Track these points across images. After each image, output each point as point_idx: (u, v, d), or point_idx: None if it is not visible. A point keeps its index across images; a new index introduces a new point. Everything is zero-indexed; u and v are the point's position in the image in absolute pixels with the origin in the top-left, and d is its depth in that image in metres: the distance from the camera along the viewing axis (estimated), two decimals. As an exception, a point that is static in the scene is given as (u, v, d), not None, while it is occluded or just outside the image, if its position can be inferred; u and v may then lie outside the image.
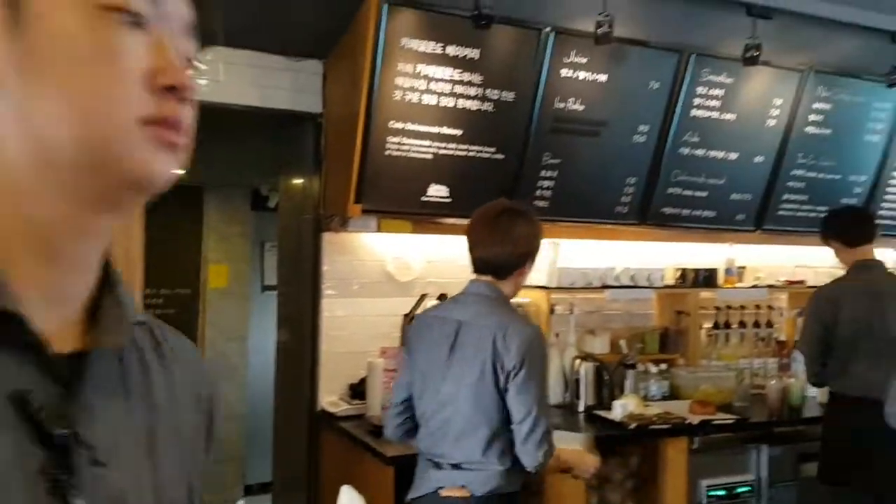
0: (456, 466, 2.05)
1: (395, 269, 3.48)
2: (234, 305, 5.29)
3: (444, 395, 2.07)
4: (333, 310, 3.26)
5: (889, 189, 4.07)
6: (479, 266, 2.13)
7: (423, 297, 3.43)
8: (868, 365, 3.07)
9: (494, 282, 2.11)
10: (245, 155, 4.38)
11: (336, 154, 3.07)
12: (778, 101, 3.61)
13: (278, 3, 2.78)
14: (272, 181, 4.54)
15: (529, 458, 2.00)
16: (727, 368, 3.87)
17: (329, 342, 3.25)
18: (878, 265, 3.24)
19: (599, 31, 2.73)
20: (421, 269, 3.48)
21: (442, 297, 3.40)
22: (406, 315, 3.42)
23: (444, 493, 2.04)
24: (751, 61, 2.99)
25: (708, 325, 4.05)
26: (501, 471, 2.03)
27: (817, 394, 3.79)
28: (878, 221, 3.45)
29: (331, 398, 3.23)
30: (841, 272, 3.97)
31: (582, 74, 3.21)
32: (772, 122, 3.64)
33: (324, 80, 3.12)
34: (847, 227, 3.33)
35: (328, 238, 3.23)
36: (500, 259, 2.08)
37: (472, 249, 2.13)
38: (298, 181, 3.47)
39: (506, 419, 2.02)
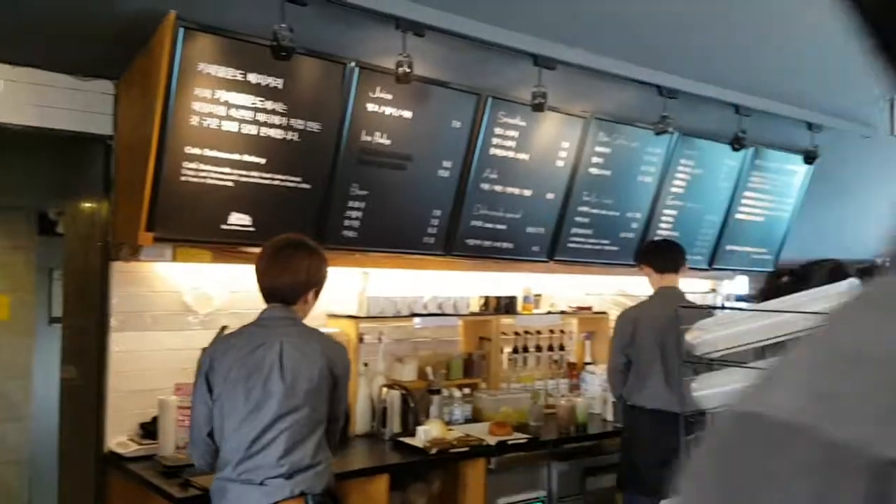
0: (289, 476, 2.19)
1: (194, 300, 3.35)
2: (17, 339, 4.79)
3: (277, 410, 2.20)
4: (123, 344, 3.07)
5: (661, 224, 4.56)
6: (267, 294, 2.36)
7: (223, 329, 3.33)
8: (661, 381, 3.41)
9: (289, 307, 2.34)
10: (28, 177, 4.03)
11: (127, 179, 2.92)
12: (565, 144, 3.94)
13: (67, 21, 2.62)
14: (59, 204, 4.20)
15: (341, 448, 2.43)
16: (524, 390, 4.12)
17: (118, 379, 3.05)
18: (676, 291, 3.61)
19: (400, 70, 2.84)
20: (222, 301, 3.38)
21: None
22: (204, 349, 3.31)
23: None
24: (538, 107, 3.25)
25: (508, 349, 4.30)
26: (327, 468, 2.29)
27: (602, 410, 4.15)
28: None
29: (119, 439, 3.02)
30: (624, 298, 4.39)
31: (388, 110, 3.32)
32: (560, 163, 3.97)
33: (115, 101, 2.97)
34: (655, 255, 3.74)
35: (118, 267, 3.05)
36: (285, 288, 2.32)
37: (260, 279, 2.36)
38: (87, 206, 3.25)
39: (328, 421, 2.31)
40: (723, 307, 4.24)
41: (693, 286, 5.26)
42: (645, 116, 3.92)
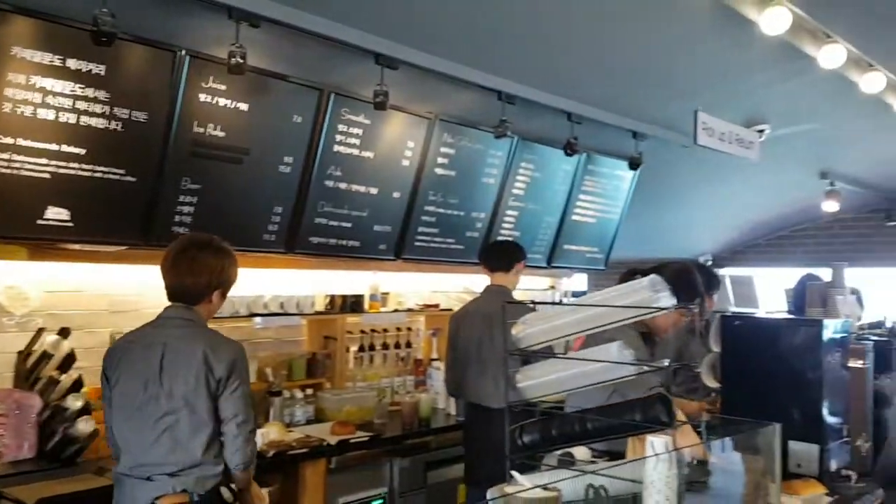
0: (173, 475, 2.23)
1: (8, 299, 3.08)
2: None
3: (157, 411, 2.24)
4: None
5: (504, 224, 4.74)
6: (171, 293, 2.37)
7: (40, 331, 3.09)
8: (478, 375, 3.53)
9: (189, 307, 2.36)
10: None
11: (-76, 168, 2.62)
12: (411, 144, 4.00)
13: None
14: None
15: (238, 454, 2.29)
16: (370, 388, 4.13)
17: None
18: (502, 289, 3.72)
19: (233, 60, 2.76)
20: (40, 301, 3.13)
21: (64, 331, 3.10)
22: (20, 352, 3.05)
23: (161, 502, 2.21)
24: (380, 106, 3.26)
25: (355, 348, 4.29)
26: (218, 471, 2.28)
27: (446, 405, 4.24)
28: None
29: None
30: (468, 296, 4.50)
31: (222, 101, 3.20)
32: (406, 162, 4.02)
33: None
34: (488, 255, 3.90)
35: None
36: (187, 288, 2.34)
37: (164, 278, 2.37)
38: None
39: (219, 424, 2.29)
40: (553, 303, 4.45)
41: (533, 283, 5.52)
42: (487, 120, 4.05)
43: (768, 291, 6.76)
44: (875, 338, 3.15)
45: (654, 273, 2.13)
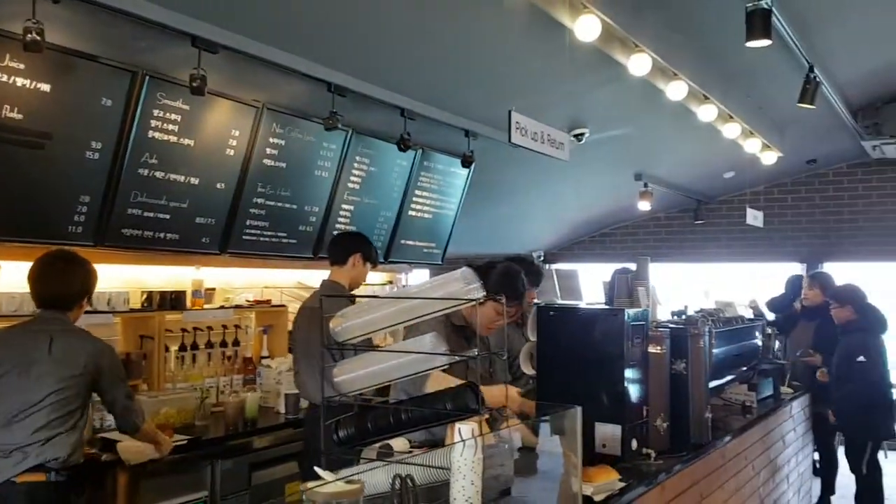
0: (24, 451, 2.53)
1: None
2: None
3: (27, 396, 2.55)
4: None
5: (339, 219, 4.69)
6: (41, 302, 2.73)
7: None
8: (304, 372, 3.47)
9: (60, 311, 2.73)
10: None
11: None
12: (236, 133, 3.84)
13: None
14: None
15: (128, 425, 2.84)
16: (192, 389, 3.93)
17: None
18: (334, 284, 3.64)
19: (28, 37, 2.50)
20: None
21: None
22: None
23: (20, 479, 2.51)
24: (197, 91, 3.11)
25: (175, 347, 4.06)
26: (76, 441, 2.64)
27: (275, 404, 4.13)
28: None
29: None
30: (303, 291, 4.40)
31: (20, 81, 2.91)
32: (231, 152, 3.86)
33: None
34: (328, 250, 3.73)
35: None
36: (60, 297, 2.72)
37: (33, 288, 2.73)
38: None
39: (85, 405, 2.71)
40: (369, 296, 4.43)
41: (371, 278, 5.51)
42: (318, 111, 3.98)
43: (591, 284, 7.22)
44: (672, 325, 3.44)
45: (487, 270, 2.19)
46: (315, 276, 4.57)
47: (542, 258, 9.38)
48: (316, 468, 1.62)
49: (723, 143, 5.27)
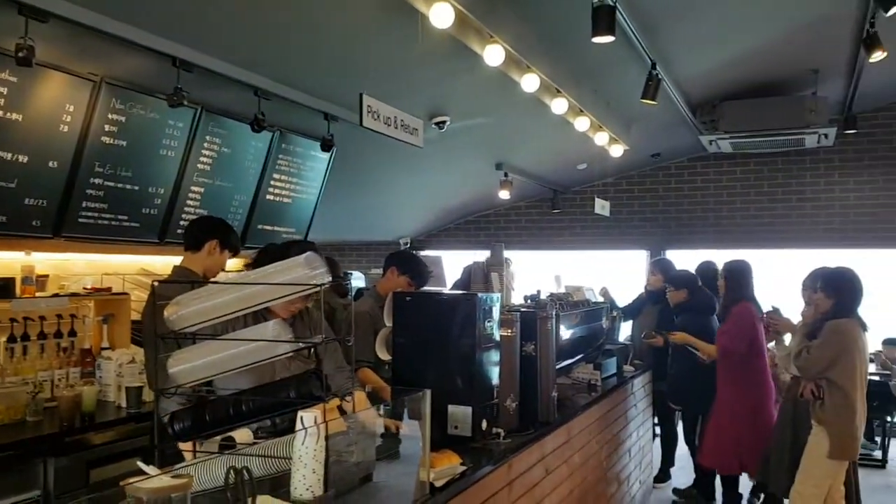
0: None
1: None
2: None
3: None
4: None
5: (188, 202, 4.46)
6: None
7: None
8: (149, 362, 3.28)
9: None
10: None
11: None
12: (70, 108, 3.56)
13: None
14: None
15: None
16: (24, 382, 3.62)
17: None
18: (183, 270, 3.43)
19: None
20: None
21: None
22: None
23: None
24: (24, 62, 2.84)
25: (4, 338, 3.72)
26: None
27: (116, 398, 3.89)
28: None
29: None
30: (145, 278, 4.15)
31: None
32: (65, 128, 3.57)
33: None
34: (184, 234, 3.47)
35: None
36: None
37: None
38: None
39: None
40: (208, 281, 4.29)
41: (229, 265, 5.30)
42: (162, 87, 3.76)
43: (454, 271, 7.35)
44: (523, 309, 3.57)
45: (283, 249, 2.13)
46: (162, 263, 4.33)
47: (408, 245, 9.44)
48: (139, 463, 1.53)
49: (575, 136, 5.50)
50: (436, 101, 4.87)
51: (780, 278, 6.37)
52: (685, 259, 6.83)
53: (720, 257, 5.47)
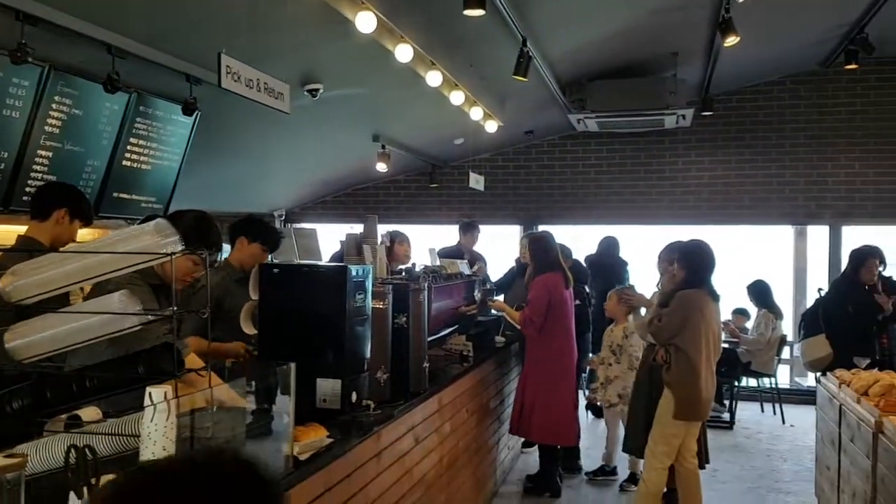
0: None
1: None
2: None
3: None
4: None
5: (35, 167, 4.11)
6: None
7: None
8: None
9: None
10: None
11: None
12: None
13: None
14: None
15: None
16: None
17: None
18: (29, 240, 3.14)
19: None
20: None
21: None
22: None
23: None
24: None
25: None
26: None
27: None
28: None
29: None
30: None
31: None
32: None
33: None
34: (30, 202, 3.17)
35: None
36: None
37: None
38: None
39: None
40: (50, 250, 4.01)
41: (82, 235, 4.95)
42: (4, 42, 3.42)
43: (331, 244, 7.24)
44: (396, 281, 3.57)
45: (172, 220, 2.03)
46: (6, 232, 3.97)
47: (282, 217, 9.20)
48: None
49: (451, 110, 5.53)
50: (308, 67, 4.74)
51: (645, 252, 6.74)
52: (560, 233, 7.08)
53: (590, 233, 5.70)
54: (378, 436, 2.88)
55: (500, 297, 6.25)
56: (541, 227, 8.20)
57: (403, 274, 4.10)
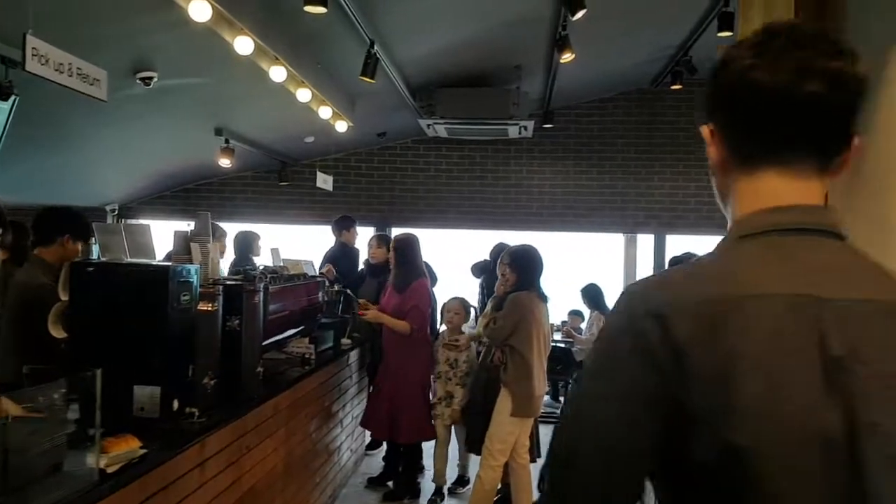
0: None
1: None
2: None
3: None
4: None
5: None
6: None
7: None
8: None
9: None
10: None
11: None
12: None
13: None
14: None
15: None
16: None
17: None
18: None
19: None
20: None
21: None
22: None
23: None
24: None
25: None
26: None
27: None
28: None
29: None
30: None
31: None
32: None
33: None
34: None
35: None
36: None
37: None
38: None
39: None
40: None
41: None
42: None
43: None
44: (229, 282, 3.43)
45: None
46: None
47: (115, 213, 8.60)
48: None
49: (299, 107, 5.41)
50: (140, 54, 4.45)
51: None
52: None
53: (441, 237, 5.77)
54: (202, 445, 2.74)
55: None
56: (394, 230, 8.22)
57: (241, 274, 3.94)
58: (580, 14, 4.30)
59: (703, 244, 7.45)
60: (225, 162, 6.78)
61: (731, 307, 0.80)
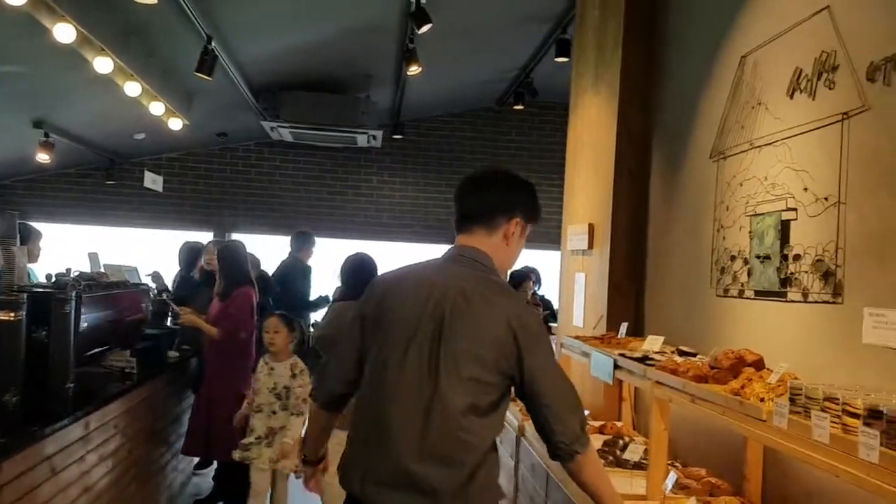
0: None
1: None
2: None
3: None
4: None
5: None
6: None
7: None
8: None
9: None
10: None
11: None
12: None
13: None
14: None
15: None
16: None
17: None
18: None
19: None
20: None
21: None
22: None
23: None
24: None
25: None
26: None
27: None
28: None
29: None
30: None
31: None
32: None
33: None
34: None
35: None
36: None
37: None
38: None
39: None
40: None
41: None
42: None
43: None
44: (36, 290, 3.12)
45: None
46: None
47: None
48: None
49: (128, 102, 5.06)
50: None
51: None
52: (254, 242, 6.86)
53: (281, 244, 5.59)
54: (-6, 471, 2.46)
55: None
56: (234, 236, 7.90)
57: (52, 280, 3.60)
58: (426, 28, 4.36)
59: (540, 258, 7.79)
60: (44, 157, 6.20)
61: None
